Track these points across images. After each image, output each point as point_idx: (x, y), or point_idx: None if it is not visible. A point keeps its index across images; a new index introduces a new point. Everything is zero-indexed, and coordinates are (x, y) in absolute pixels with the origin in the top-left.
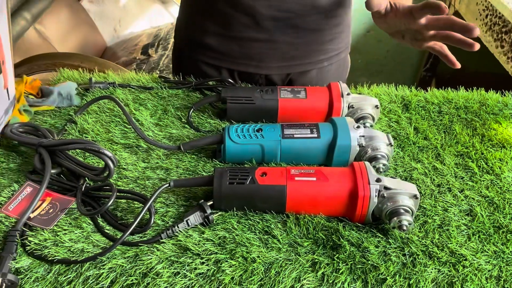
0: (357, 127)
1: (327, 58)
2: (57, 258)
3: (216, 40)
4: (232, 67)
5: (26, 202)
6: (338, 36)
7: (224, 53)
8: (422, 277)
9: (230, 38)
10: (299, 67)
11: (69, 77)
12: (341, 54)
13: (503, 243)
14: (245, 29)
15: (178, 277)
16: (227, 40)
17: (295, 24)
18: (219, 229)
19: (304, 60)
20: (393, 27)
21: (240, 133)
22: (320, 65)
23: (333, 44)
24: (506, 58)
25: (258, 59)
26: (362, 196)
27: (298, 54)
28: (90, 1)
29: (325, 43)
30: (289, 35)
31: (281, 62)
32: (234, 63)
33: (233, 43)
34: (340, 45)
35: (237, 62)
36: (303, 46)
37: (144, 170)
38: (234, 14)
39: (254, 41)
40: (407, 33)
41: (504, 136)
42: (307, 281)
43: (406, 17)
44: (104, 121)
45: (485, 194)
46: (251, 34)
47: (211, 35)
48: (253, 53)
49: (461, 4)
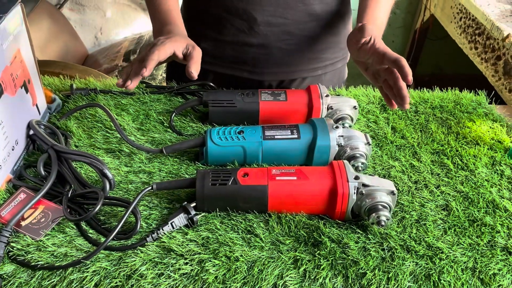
0: (336, 127)
1: (322, 67)
2: (40, 264)
3: (211, 44)
4: (227, 71)
5: (19, 209)
6: (334, 45)
7: (218, 57)
8: (400, 270)
9: (225, 43)
10: (293, 74)
11: (50, 84)
12: (337, 63)
13: (478, 235)
14: (240, 33)
15: (162, 278)
16: (222, 44)
17: (289, 31)
18: (202, 230)
19: (298, 67)
20: (362, 57)
21: (222, 135)
22: (314, 73)
23: (328, 53)
24: (480, 59)
25: (252, 64)
26: (341, 193)
27: (292, 60)
28: (71, 9)
29: (320, 51)
30: (284, 41)
31: (275, 68)
32: (228, 67)
33: (228, 47)
34: (337, 54)
35: (232, 67)
36: (297, 53)
37: (127, 174)
38: (229, 19)
39: (248, 46)
40: (371, 67)
41: (477, 134)
42: (290, 277)
43: (377, 57)
44: (86, 126)
45: (460, 189)
46: (246, 39)
47: (206, 40)
48: (247, 58)
49: (436, 8)
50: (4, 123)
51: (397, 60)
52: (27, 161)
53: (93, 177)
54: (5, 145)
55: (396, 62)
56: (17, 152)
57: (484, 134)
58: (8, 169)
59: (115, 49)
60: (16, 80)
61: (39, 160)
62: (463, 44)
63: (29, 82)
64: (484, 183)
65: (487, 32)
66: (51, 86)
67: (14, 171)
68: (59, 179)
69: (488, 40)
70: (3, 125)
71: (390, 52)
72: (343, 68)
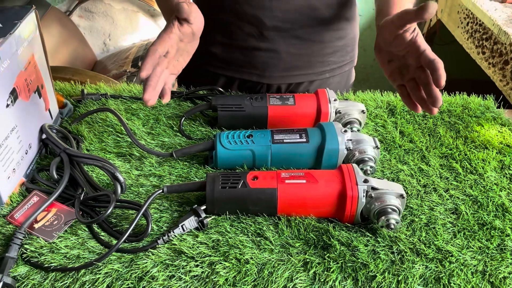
0: (345, 131)
1: (329, 70)
2: (53, 266)
3: (221, 49)
4: (236, 75)
5: (32, 212)
6: (341, 49)
7: (228, 62)
8: (410, 273)
9: (234, 47)
10: (301, 78)
11: (61, 89)
12: (344, 67)
13: (488, 239)
14: (249, 38)
15: (173, 280)
16: (231, 49)
17: (298, 35)
18: (212, 233)
19: (306, 70)
20: (394, 46)
21: (231, 139)
22: (322, 76)
23: (336, 57)
24: (487, 64)
25: (261, 68)
26: (350, 196)
27: (300, 64)
28: (80, 16)
29: (328, 55)
30: (292, 46)
31: (283, 72)
32: (237, 71)
33: (237, 52)
34: (344, 58)
35: (241, 71)
36: (306, 57)
37: (138, 177)
38: (239, 24)
39: (257, 50)
40: (397, 60)
41: (486, 138)
42: (299, 280)
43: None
44: (98, 131)
45: (469, 193)
46: (255, 44)
47: (216, 44)
48: (256, 62)
49: (443, 13)
50: (18, 127)
51: (435, 61)
52: (39, 165)
53: (104, 180)
54: (19, 148)
55: (433, 63)
56: (30, 156)
57: (493, 138)
58: (22, 172)
59: (123, 55)
60: (30, 85)
61: (52, 163)
62: (471, 49)
63: (42, 87)
64: (493, 187)
65: (495, 36)
66: (63, 91)
67: (27, 175)
68: (71, 183)
69: (496, 44)
70: (17, 129)
71: (430, 51)
72: (350, 71)
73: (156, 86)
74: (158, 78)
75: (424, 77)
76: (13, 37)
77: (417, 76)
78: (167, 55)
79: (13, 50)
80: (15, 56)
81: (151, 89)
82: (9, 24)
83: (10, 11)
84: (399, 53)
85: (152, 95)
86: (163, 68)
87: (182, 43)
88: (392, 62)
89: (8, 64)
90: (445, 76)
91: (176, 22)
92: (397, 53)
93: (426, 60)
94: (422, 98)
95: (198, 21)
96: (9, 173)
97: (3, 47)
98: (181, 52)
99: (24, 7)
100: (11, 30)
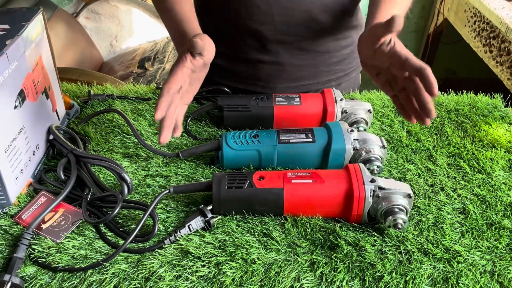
0: (351, 130)
1: (336, 78)
2: (60, 266)
3: (225, 60)
4: (240, 86)
5: (39, 212)
6: (347, 56)
7: (232, 73)
8: (418, 273)
9: (238, 59)
10: (307, 87)
11: (68, 91)
12: (351, 73)
13: (496, 239)
14: (252, 51)
15: (180, 280)
16: (236, 61)
17: (302, 47)
18: (219, 233)
19: (312, 80)
20: (377, 61)
21: (237, 139)
22: (328, 85)
23: (342, 65)
24: (495, 62)
25: (266, 79)
26: (357, 196)
27: (305, 75)
28: (87, 18)
29: (334, 64)
30: (296, 58)
31: (288, 83)
32: (242, 82)
33: (241, 64)
34: (351, 65)
35: (245, 82)
36: (311, 67)
37: (144, 178)
38: (241, 37)
39: (261, 63)
40: (385, 73)
41: (494, 137)
42: (306, 280)
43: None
44: (104, 131)
45: (477, 192)
46: (258, 56)
47: (220, 56)
48: (260, 74)
49: (450, 12)
50: (26, 128)
51: (421, 69)
52: (47, 166)
53: (111, 181)
54: (26, 149)
55: (420, 71)
56: (37, 156)
57: (501, 137)
58: (29, 173)
59: (130, 56)
60: (38, 87)
61: (59, 164)
62: (478, 48)
63: (49, 88)
64: (501, 186)
65: (502, 35)
66: (69, 92)
67: (34, 175)
68: (78, 183)
69: (503, 43)
70: (25, 130)
71: (413, 58)
72: (357, 76)
73: (171, 126)
74: (173, 118)
75: (414, 87)
76: (21, 39)
77: (407, 86)
78: (180, 90)
79: (20, 51)
80: (22, 57)
81: (168, 130)
82: (17, 26)
83: (18, 13)
84: (383, 65)
85: (168, 136)
86: (177, 104)
87: (195, 74)
88: (380, 75)
89: (16, 65)
90: (436, 82)
91: (189, 56)
92: (382, 66)
93: (411, 68)
94: (415, 109)
95: (210, 53)
96: (17, 174)
97: (11, 49)
98: (193, 82)
99: (32, 9)
100: (18, 31)
